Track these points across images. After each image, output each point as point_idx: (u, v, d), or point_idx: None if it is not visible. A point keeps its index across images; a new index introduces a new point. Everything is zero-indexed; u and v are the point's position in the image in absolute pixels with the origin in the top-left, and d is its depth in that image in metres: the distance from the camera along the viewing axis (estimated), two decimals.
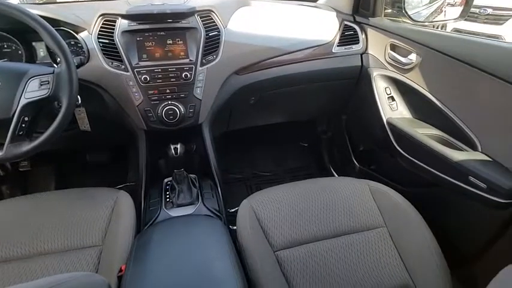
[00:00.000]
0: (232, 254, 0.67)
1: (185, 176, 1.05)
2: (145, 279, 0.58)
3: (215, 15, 1.08)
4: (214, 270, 0.61)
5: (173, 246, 0.68)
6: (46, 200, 0.95)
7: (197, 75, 1.04)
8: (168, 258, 0.63)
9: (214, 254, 0.66)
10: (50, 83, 0.80)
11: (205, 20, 1.06)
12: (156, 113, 1.02)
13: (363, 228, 0.87)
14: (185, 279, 0.58)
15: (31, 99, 0.79)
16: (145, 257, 0.64)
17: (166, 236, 0.72)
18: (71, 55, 0.80)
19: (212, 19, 1.08)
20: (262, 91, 1.22)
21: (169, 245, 0.68)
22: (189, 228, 0.76)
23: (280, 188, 0.98)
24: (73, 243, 0.82)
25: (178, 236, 0.72)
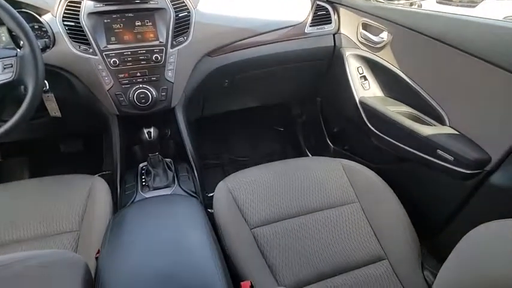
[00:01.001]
0: (208, 228, 0.66)
1: (160, 160, 1.02)
2: (120, 255, 0.57)
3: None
4: (190, 243, 0.60)
5: (148, 223, 0.66)
6: (20, 188, 0.92)
7: (168, 58, 1.00)
8: (143, 235, 0.62)
9: (189, 228, 0.65)
10: (14, 66, 0.77)
11: (174, 0, 1.02)
12: (128, 97, 0.98)
13: (336, 204, 0.88)
14: (161, 253, 0.57)
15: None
16: (121, 234, 0.63)
17: (142, 215, 0.70)
18: (34, 37, 0.76)
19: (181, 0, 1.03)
20: (235, 73, 1.19)
21: (144, 222, 0.67)
22: (164, 206, 0.75)
23: (256, 169, 0.98)
24: (50, 230, 0.81)
25: (154, 214, 0.71)
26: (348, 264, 0.77)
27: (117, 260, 0.55)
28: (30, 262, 0.40)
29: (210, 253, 0.56)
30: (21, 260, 0.38)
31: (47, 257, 0.44)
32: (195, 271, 0.52)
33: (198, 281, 0.50)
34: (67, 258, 0.49)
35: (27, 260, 0.39)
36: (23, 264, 0.38)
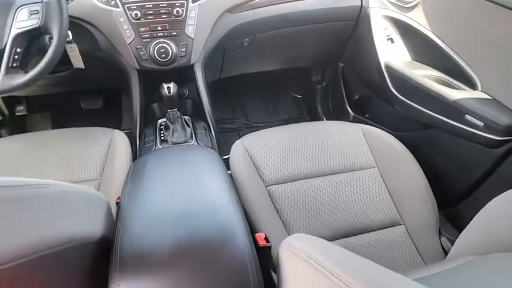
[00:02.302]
0: (227, 176, 0.65)
1: (179, 116, 1.02)
2: (141, 197, 0.58)
3: None
4: (210, 188, 0.60)
5: (169, 169, 0.67)
6: (45, 137, 0.94)
7: (189, 12, 0.97)
8: (163, 179, 0.63)
9: (209, 174, 0.65)
10: (40, 12, 0.77)
11: None
12: (148, 52, 0.97)
13: (354, 168, 0.86)
14: (181, 196, 0.57)
15: (22, 30, 0.77)
16: (142, 178, 0.64)
17: (162, 160, 0.71)
18: None
19: None
20: (256, 32, 1.15)
21: (164, 167, 0.67)
22: (184, 154, 0.75)
23: (273, 129, 0.96)
24: (72, 177, 0.83)
25: (174, 160, 0.71)
26: (363, 226, 0.76)
27: (138, 200, 0.56)
28: (62, 187, 0.41)
29: (229, 198, 0.56)
30: (54, 184, 0.39)
31: (73, 187, 0.44)
32: (214, 213, 0.52)
33: (217, 222, 0.50)
34: (92, 193, 0.50)
35: (59, 185, 0.40)
36: (56, 188, 0.39)
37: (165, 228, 0.48)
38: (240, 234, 0.48)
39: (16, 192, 0.33)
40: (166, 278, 0.42)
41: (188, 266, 0.43)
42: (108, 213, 0.53)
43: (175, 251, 0.45)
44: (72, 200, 0.43)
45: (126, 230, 0.49)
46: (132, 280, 0.42)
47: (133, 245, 0.46)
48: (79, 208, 0.44)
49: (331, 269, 0.32)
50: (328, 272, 0.32)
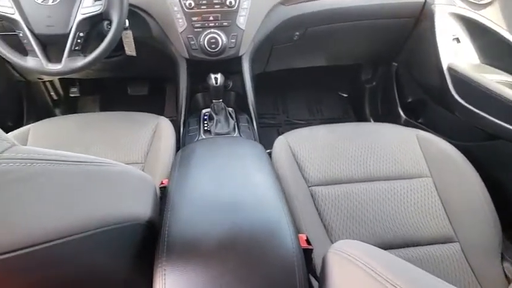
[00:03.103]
0: (273, 170, 0.64)
1: (223, 108, 1.02)
2: (189, 184, 0.59)
3: None
4: (257, 181, 0.59)
5: (216, 159, 0.67)
6: (95, 119, 1.00)
7: (241, 3, 0.97)
8: (211, 169, 0.63)
9: (256, 168, 0.65)
10: None
11: None
12: (199, 41, 0.98)
13: (405, 176, 0.81)
14: (228, 187, 0.57)
15: (86, 15, 0.82)
16: (190, 165, 0.65)
17: (210, 150, 0.71)
18: None
19: None
20: (308, 25, 1.12)
21: (212, 157, 0.68)
22: (231, 145, 0.75)
23: (318, 127, 0.94)
24: (118, 159, 0.86)
25: (222, 151, 0.71)
26: (412, 238, 0.71)
27: (186, 188, 0.57)
28: (123, 167, 0.44)
29: (277, 194, 0.55)
30: (117, 163, 0.40)
31: (131, 168, 0.46)
32: (262, 208, 0.51)
33: (265, 218, 0.50)
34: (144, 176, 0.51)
35: (120, 165, 0.42)
36: (119, 167, 0.41)
37: (213, 218, 0.48)
38: (288, 233, 0.47)
39: (89, 168, 0.34)
40: (212, 268, 0.42)
41: (235, 260, 0.43)
42: (155, 197, 0.54)
43: (223, 242, 0.44)
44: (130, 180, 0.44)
45: (175, 216, 0.50)
46: (178, 266, 0.42)
47: (182, 232, 0.47)
48: (134, 189, 0.46)
49: (391, 280, 0.31)
50: (388, 283, 0.31)
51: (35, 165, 0.28)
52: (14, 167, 0.25)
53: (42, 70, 0.84)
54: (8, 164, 0.25)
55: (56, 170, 0.30)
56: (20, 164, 0.26)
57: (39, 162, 0.28)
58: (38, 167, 0.28)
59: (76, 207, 0.32)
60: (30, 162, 0.27)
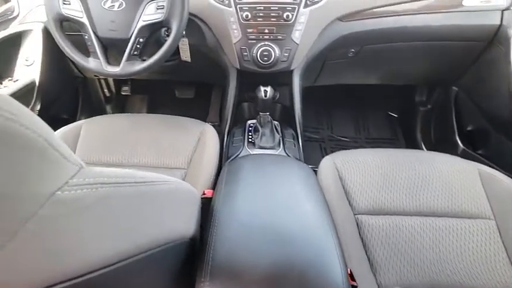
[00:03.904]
0: (323, 197, 0.63)
1: (269, 121, 1.02)
2: (236, 203, 0.58)
3: None
4: (306, 208, 0.58)
5: (265, 179, 0.67)
6: (144, 120, 1.03)
7: (298, 17, 0.97)
8: (259, 189, 0.63)
9: (305, 193, 0.63)
10: (165, 8, 0.83)
11: None
12: (251, 53, 0.99)
13: (463, 215, 0.75)
14: (277, 211, 0.57)
15: (147, 22, 0.85)
16: (237, 183, 0.65)
17: (258, 168, 0.71)
18: None
19: None
20: (365, 43, 1.09)
21: (261, 177, 0.67)
22: (280, 165, 0.74)
23: (367, 151, 0.90)
24: (163, 162, 0.90)
25: (270, 171, 0.71)
26: (470, 286, 0.65)
27: (233, 207, 0.57)
28: (170, 185, 0.44)
29: (328, 226, 0.53)
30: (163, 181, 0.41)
31: (178, 183, 0.46)
32: (313, 242, 0.50)
33: (316, 252, 0.48)
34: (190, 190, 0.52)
35: (167, 182, 0.42)
36: (166, 185, 0.42)
37: (261, 247, 0.47)
38: (339, 272, 0.45)
39: (144, 189, 0.35)
40: None
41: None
42: (199, 212, 0.55)
43: (270, 276, 0.43)
44: (179, 197, 0.45)
45: (220, 238, 0.49)
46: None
47: (227, 257, 0.46)
48: (182, 206, 0.46)
49: None
50: None
51: (99, 189, 0.28)
52: (81, 194, 0.26)
53: (101, 72, 0.89)
54: (76, 191, 0.26)
55: (117, 193, 0.31)
56: (86, 190, 0.27)
57: (103, 186, 0.29)
58: (101, 192, 0.29)
59: (132, 231, 0.32)
60: (95, 187, 0.28)
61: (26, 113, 0.23)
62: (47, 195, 0.23)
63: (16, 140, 0.21)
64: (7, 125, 0.20)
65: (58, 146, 0.25)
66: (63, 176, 0.25)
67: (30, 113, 0.24)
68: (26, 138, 0.22)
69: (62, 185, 0.24)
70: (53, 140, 0.24)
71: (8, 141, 0.20)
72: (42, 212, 0.22)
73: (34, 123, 0.23)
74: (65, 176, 0.25)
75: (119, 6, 0.85)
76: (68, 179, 0.25)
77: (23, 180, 0.21)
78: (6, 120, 0.20)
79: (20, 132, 0.21)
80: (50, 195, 0.23)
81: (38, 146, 0.23)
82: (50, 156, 0.24)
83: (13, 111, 0.21)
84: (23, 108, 0.23)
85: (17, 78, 1.11)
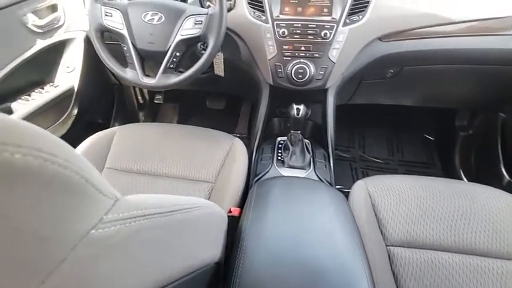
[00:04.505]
0: (356, 228, 0.61)
1: (300, 139, 1.01)
2: (265, 230, 0.58)
3: None
4: (338, 240, 0.56)
5: (296, 205, 0.66)
6: (175, 130, 1.05)
7: (337, 36, 0.96)
8: (290, 217, 0.62)
9: (338, 223, 0.62)
10: (203, 23, 0.85)
11: None
12: (286, 70, 0.99)
13: (509, 256, 0.69)
14: (308, 242, 0.56)
15: (185, 37, 0.87)
16: (266, 207, 0.64)
17: (289, 193, 0.70)
18: (226, 1, 0.83)
19: None
20: (405, 64, 1.06)
21: (291, 203, 0.66)
22: (312, 191, 0.73)
23: (403, 178, 0.87)
24: (191, 174, 0.91)
25: (301, 197, 0.70)
26: None
27: (262, 233, 0.56)
28: (201, 210, 0.43)
29: (361, 262, 0.51)
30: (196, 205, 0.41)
31: (207, 207, 0.47)
32: (344, 274, 0.48)
33: (344, 281, 0.47)
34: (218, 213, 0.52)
35: (194, 208, 0.42)
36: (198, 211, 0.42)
37: (289, 275, 0.47)
38: None
39: (179, 217, 0.35)
40: None
41: None
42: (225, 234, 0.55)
43: None
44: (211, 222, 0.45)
45: (247, 264, 0.49)
46: None
47: (254, 284, 0.46)
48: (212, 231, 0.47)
49: None
50: None
51: (132, 224, 0.28)
52: (114, 230, 0.26)
53: (137, 82, 0.92)
54: (109, 228, 0.26)
55: (149, 225, 0.31)
56: (120, 226, 0.27)
57: (138, 219, 0.29)
58: (134, 226, 0.29)
59: (163, 263, 0.32)
60: (128, 222, 0.28)
61: (64, 149, 0.23)
62: (81, 235, 0.23)
63: (54, 180, 0.21)
64: (46, 166, 0.20)
65: (94, 179, 0.25)
66: (98, 212, 0.25)
67: (68, 148, 0.24)
68: (63, 178, 0.22)
69: (96, 222, 0.24)
70: (89, 174, 0.24)
71: (45, 183, 0.20)
72: (76, 252, 0.22)
73: (71, 159, 0.23)
74: (100, 212, 0.25)
75: (158, 19, 0.88)
76: (102, 215, 0.25)
77: (59, 221, 0.21)
78: (45, 162, 0.20)
79: (59, 172, 0.21)
80: (84, 235, 0.23)
81: (74, 184, 0.23)
82: (86, 192, 0.24)
83: (52, 151, 0.21)
84: (61, 143, 0.23)
85: (58, 84, 1.18)
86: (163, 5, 0.88)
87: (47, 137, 0.22)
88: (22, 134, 0.20)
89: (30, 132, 0.20)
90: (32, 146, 0.19)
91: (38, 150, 0.20)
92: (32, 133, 0.20)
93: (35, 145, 0.20)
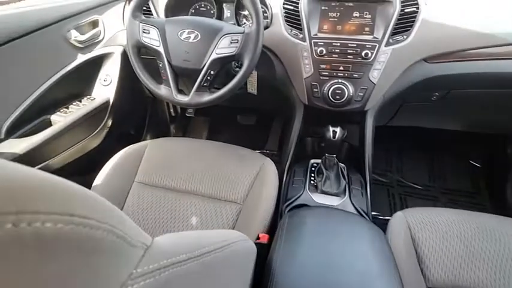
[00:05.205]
0: (396, 272, 0.57)
1: (335, 163, 0.98)
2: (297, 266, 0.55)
3: None
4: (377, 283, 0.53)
5: (332, 242, 0.63)
6: (205, 146, 1.05)
7: (379, 56, 0.93)
8: (324, 254, 0.59)
9: (377, 265, 0.58)
10: (239, 42, 0.84)
11: None
12: (322, 90, 0.97)
13: None
14: (343, 282, 0.53)
15: (220, 55, 0.87)
16: (298, 240, 0.62)
17: (323, 226, 0.67)
18: (262, 19, 0.82)
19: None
20: (453, 87, 1.00)
21: (326, 238, 0.63)
22: (349, 227, 0.69)
23: (448, 212, 0.81)
24: (218, 194, 0.90)
25: (337, 232, 0.66)
26: None
27: (293, 271, 0.54)
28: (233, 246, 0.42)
29: None
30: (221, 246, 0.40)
31: (237, 243, 0.45)
32: None
33: None
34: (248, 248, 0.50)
35: (226, 246, 0.41)
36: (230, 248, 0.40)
37: None
38: None
39: (209, 259, 0.34)
40: None
41: None
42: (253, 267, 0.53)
43: None
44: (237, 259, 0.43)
45: None
46: None
47: None
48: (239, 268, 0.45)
49: None
50: None
51: (166, 273, 0.27)
52: (146, 284, 0.25)
53: (171, 99, 0.93)
54: (140, 284, 0.25)
55: (180, 273, 0.30)
56: (151, 279, 0.26)
57: (170, 268, 0.28)
58: (168, 275, 0.28)
59: None
60: (158, 273, 0.27)
61: (95, 206, 0.22)
62: None
63: (86, 244, 0.20)
64: (77, 231, 0.19)
65: (125, 231, 0.24)
66: (128, 267, 0.24)
67: (98, 203, 0.23)
68: (95, 239, 0.21)
69: (126, 278, 0.23)
70: (120, 227, 0.23)
71: (77, 248, 0.19)
72: None
73: (103, 216, 0.22)
74: (130, 266, 0.24)
75: (194, 38, 0.89)
76: (132, 270, 0.24)
77: (90, 284, 0.20)
78: (77, 226, 0.19)
79: (90, 235, 0.20)
80: None
81: (106, 243, 0.22)
82: (117, 248, 0.23)
83: (84, 212, 0.20)
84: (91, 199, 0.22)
85: (94, 97, 1.23)
86: (199, 23, 0.89)
87: (78, 196, 0.21)
88: (52, 196, 0.19)
89: (61, 193, 0.20)
90: (64, 212, 0.18)
91: (70, 215, 0.19)
92: (62, 194, 0.20)
93: (66, 210, 0.19)
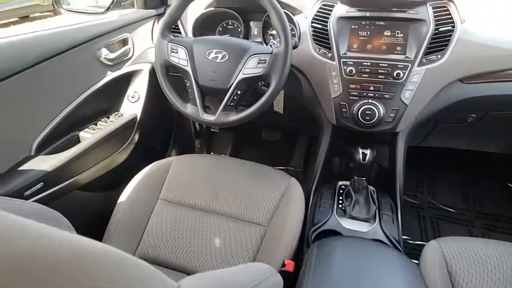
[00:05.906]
0: None
1: (365, 187, 0.96)
2: None
3: (453, 6, 0.91)
4: None
5: (361, 276, 0.61)
6: (230, 164, 1.05)
7: (411, 76, 0.92)
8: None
9: None
10: (267, 62, 0.85)
11: (438, 11, 0.92)
12: (351, 110, 0.96)
13: None
14: None
15: (247, 76, 0.87)
16: (328, 274, 0.61)
17: (353, 260, 0.66)
18: (291, 39, 0.83)
19: (448, 11, 0.91)
20: (490, 109, 0.97)
21: (356, 271, 0.62)
22: (380, 261, 0.68)
23: (487, 243, 0.77)
24: (243, 215, 0.90)
25: (367, 265, 0.65)
26: None
27: None
28: None
29: None
30: None
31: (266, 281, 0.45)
32: None
33: None
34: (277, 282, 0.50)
35: None
36: None
37: None
38: None
39: None
40: None
41: None
42: None
43: None
44: None
45: None
46: None
47: None
48: None
49: None
50: None
51: None
52: None
53: (197, 118, 0.94)
54: None
55: None
56: None
57: None
58: None
59: None
60: None
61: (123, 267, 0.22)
62: None
63: None
64: None
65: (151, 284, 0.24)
66: None
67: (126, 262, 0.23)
68: None
69: None
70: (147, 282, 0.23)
71: None
72: None
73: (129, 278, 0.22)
74: None
75: (221, 57, 0.90)
76: None
77: None
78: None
79: None
80: None
81: None
82: None
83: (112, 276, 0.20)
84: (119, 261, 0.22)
85: (122, 113, 1.28)
86: (227, 43, 0.90)
87: (107, 262, 0.21)
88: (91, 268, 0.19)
89: (90, 263, 0.20)
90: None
91: None
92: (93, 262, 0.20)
93: None
